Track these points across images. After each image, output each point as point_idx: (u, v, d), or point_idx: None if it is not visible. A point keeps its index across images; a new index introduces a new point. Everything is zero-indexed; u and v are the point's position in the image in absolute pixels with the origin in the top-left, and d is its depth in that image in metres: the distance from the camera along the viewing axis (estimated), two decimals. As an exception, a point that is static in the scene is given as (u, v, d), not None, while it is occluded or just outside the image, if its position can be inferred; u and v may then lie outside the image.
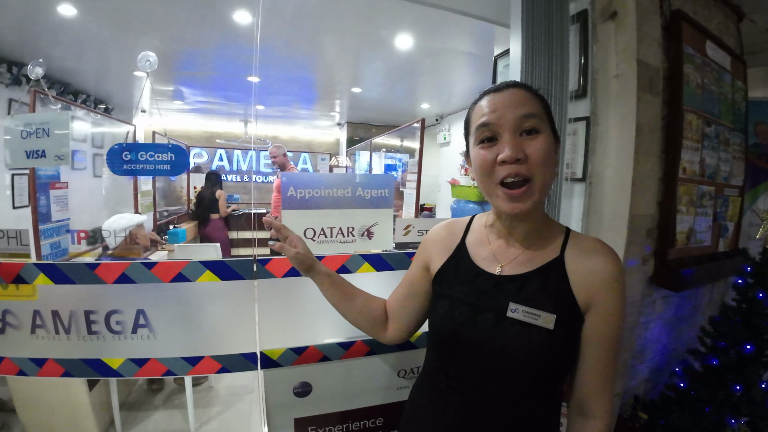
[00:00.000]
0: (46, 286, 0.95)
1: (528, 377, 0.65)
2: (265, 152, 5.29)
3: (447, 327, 0.71)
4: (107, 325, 0.95)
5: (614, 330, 0.65)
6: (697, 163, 1.54)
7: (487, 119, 0.63)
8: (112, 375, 0.98)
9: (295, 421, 1.07)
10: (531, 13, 1.27)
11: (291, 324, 1.00)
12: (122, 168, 0.92)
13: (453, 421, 0.69)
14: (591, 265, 0.65)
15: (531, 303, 0.64)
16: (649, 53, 1.26)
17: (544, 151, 0.61)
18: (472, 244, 0.76)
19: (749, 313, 1.50)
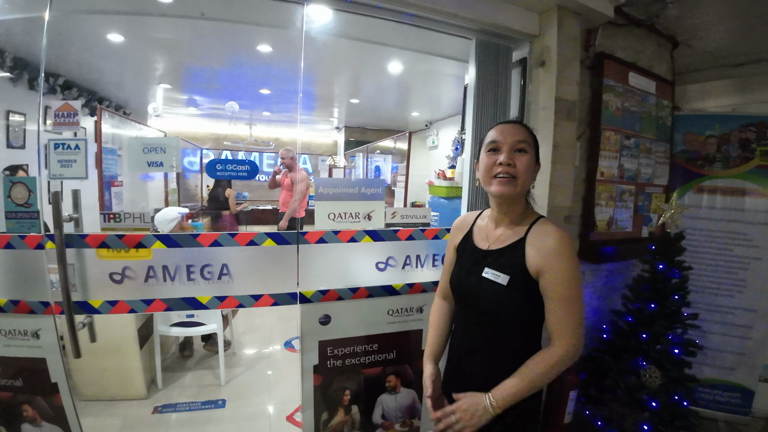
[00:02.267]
0: (160, 249, 1.59)
1: (498, 315, 1.10)
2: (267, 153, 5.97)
3: (455, 284, 1.22)
4: (201, 274, 1.60)
5: (563, 287, 1.02)
6: (616, 168, 2.22)
7: (495, 138, 1.10)
8: (201, 308, 1.62)
9: (319, 342, 1.73)
10: (483, 57, 1.93)
11: (319, 273, 1.66)
12: (216, 174, 1.58)
13: (464, 334, 1.21)
14: (541, 243, 1.05)
15: (497, 268, 1.10)
16: (568, 91, 1.92)
17: (526, 164, 1.07)
18: (476, 230, 1.25)
19: (655, 280, 2.16)
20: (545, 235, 1.07)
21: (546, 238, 1.06)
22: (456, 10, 1.74)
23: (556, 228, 1.08)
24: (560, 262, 1.03)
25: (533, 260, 1.06)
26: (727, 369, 2.66)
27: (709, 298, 2.68)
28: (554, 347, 1.05)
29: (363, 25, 1.94)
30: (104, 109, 2.23)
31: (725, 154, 2.67)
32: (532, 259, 1.06)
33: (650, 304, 2.14)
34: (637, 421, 2.06)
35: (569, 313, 1.03)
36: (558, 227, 1.09)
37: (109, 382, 2.49)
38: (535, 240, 1.08)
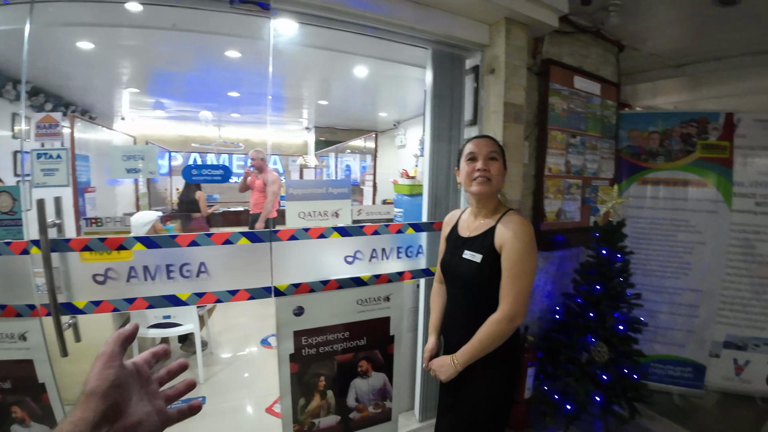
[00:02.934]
0: (141, 251, 1.76)
1: (473, 286, 1.44)
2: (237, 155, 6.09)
3: (444, 265, 1.57)
4: (180, 272, 1.76)
5: (512, 265, 1.33)
6: (563, 164, 2.50)
7: (472, 150, 1.44)
8: (181, 304, 1.79)
9: (294, 332, 1.92)
10: (439, 65, 2.17)
11: (291, 268, 1.85)
12: (192, 178, 1.76)
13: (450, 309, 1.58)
14: (505, 229, 1.38)
15: (473, 249, 1.43)
16: (516, 96, 2.18)
17: (498, 169, 1.42)
18: (460, 223, 1.59)
19: (599, 264, 2.46)
20: (509, 222, 1.39)
21: (509, 224, 1.38)
22: (413, 24, 1.97)
23: (519, 217, 1.41)
24: (514, 242, 1.34)
25: (498, 241, 1.38)
26: (678, 345, 2.99)
27: (657, 281, 3.01)
28: (497, 311, 1.36)
29: (328, 36, 2.15)
30: (75, 116, 2.35)
31: (668, 148, 3.01)
32: (498, 239, 1.38)
33: (596, 286, 2.43)
34: (590, 393, 2.34)
35: (513, 284, 1.33)
36: (521, 217, 1.42)
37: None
38: (502, 226, 1.40)
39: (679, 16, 2.80)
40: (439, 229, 2.13)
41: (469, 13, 2.08)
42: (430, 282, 2.21)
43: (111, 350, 0.49)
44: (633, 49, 3.29)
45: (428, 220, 2.19)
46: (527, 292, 1.37)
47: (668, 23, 2.93)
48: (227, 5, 1.77)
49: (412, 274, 2.09)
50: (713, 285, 2.94)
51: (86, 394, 0.45)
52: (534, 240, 1.38)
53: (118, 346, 0.50)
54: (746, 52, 3.34)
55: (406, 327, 2.32)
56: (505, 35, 2.11)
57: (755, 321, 2.97)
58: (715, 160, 2.91)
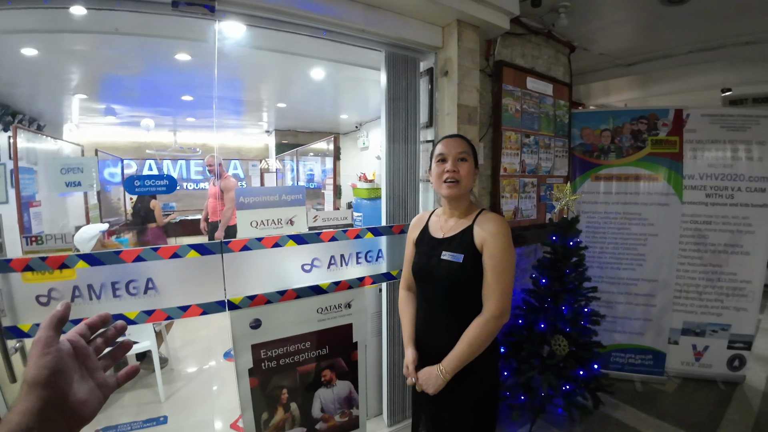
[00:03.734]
0: (84, 269, 1.66)
1: (453, 288, 1.38)
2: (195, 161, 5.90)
3: (417, 269, 1.50)
4: (127, 290, 1.68)
5: (496, 262, 1.31)
6: (518, 163, 2.56)
7: (442, 151, 1.42)
8: (130, 323, 1.72)
9: (251, 346, 1.87)
10: (393, 67, 2.17)
11: (246, 280, 1.80)
12: (135, 190, 1.68)
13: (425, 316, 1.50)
14: (483, 227, 1.36)
15: (453, 250, 1.39)
16: (469, 98, 2.21)
17: (467, 170, 1.40)
18: (431, 225, 1.55)
19: (555, 260, 2.52)
20: (487, 221, 1.38)
21: (487, 222, 1.37)
22: (364, 26, 1.96)
23: (495, 216, 1.41)
24: (496, 240, 1.32)
25: (479, 239, 1.35)
26: (637, 334, 3.11)
27: (613, 272, 3.13)
28: (483, 311, 1.33)
29: (280, 39, 2.10)
30: (19, 126, 2.20)
31: (618, 145, 3.12)
32: (478, 238, 1.35)
33: (553, 281, 2.50)
34: (553, 386, 2.40)
35: (498, 281, 1.31)
36: (497, 215, 1.41)
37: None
38: (480, 224, 1.38)
39: (627, 16, 2.92)
40: (399, 233, 2.14)
41: (420, 16, 2.08)
42: (392, 286, 2.21)
43: (46, 336, 0.48)
44: (584, 50, 3.40)
45: (387, 223, 2.18)
46: (511, 288, 1.35)
47: (617, 23, 3.04)
48: (169, 8, 1.69)
49: (372, 279, 2.07)
50: (668, 275, 3.07)
51: (28, 384, 0.45)
52: (511, 236, 1.37)
53: (52, 329, 0.49)
54: (693, 49, 3.52)
55: (371, 332, 2.30)
56: (457, 37, 2.13)
57: (711, 308, 3.11)
58: (665, 155, 3.05)
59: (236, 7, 1.74)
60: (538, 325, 2.43)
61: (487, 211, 1.46)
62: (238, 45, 1.94)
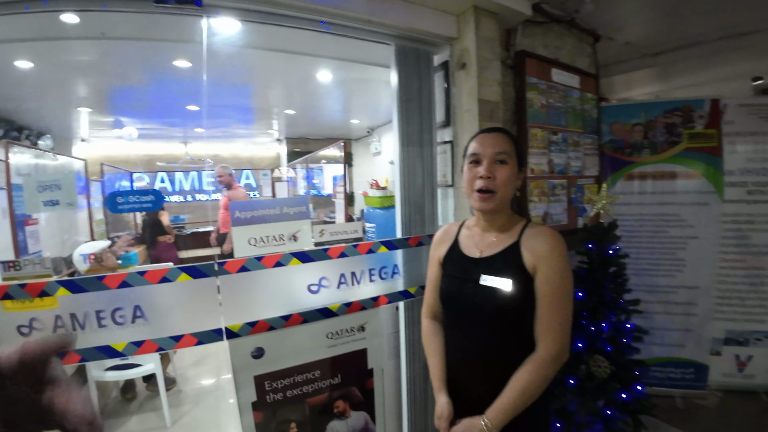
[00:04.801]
0: (65, 296, 1.46)
1: (498, 321, 1.08)
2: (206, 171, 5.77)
3: (447, 295, 1.20)
4: (113, 319, 1.47)
5: (554, 289, 1.03)
6: (546, 163, 2.27)
7: (475, 150, 1.12)
8: (118, 356, 1.50)
9: (254, 378, 1.64)
10: (404, 62, 1.92)
11: (245, 304, 1.57)
12: (117, 207, 1.46)
13: (458, 348, 1.19)
14: (535, 245, 1.07)
15: (496, 273, 1.09)
16: (490, 92, 1.94)
17: (506, 176, 1.08)
18: (462, 240, 1.24)
19: (591, 270, 2.22)
20: (539, 236, 1.09)
21: (539, 238, 1.08)
22: (370, 16, 1.72)
23: (548, 229, 1.11)
24: (552, 260, 1.04)
25: (529, 260, 1.07)
26: (677, 346, 2.79)
27: (650, 280, 2.81)
28: (539, 351, 1.05)
29: (279, 36, 1.89)
30: (10, 142, 2.04)
31: (652, 140, 2.81)
32: (528, 259, 1.07)
33: (590, 295, 2.20)
34: (592, 411, 2.10)
35: (556, 313, 1.03)
36: (550, 228, 1.12)
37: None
38: (529, 241, 1.09)
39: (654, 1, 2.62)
40: (416, 245, 1.88)
41: (432, 3, 1.83)
42: (411, 304, 1.95)
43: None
44: (609, 39, 3.10)
45: (403, 234, 1.92)
46: (570, 321, 1.07)
47: (641, 9, 2.75)
48: (152, 5, 1.48)
49: (388, 298, 1.82)
50: (708, 280, 2.75)
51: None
52: (568, 255, 1.09)
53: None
54: (722, 36, 3.19)
55: (388, 354, 2.04)
56: (474, 26, 1.87)
57: (754, 314, 2.80)
58: (703, 149, 2.73)
59: (225, 0, 1.52)
60: (574, 344, 2.14)
61: (535, 223, 1.16)
62: (233, 44, 1.72)
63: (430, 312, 1.34)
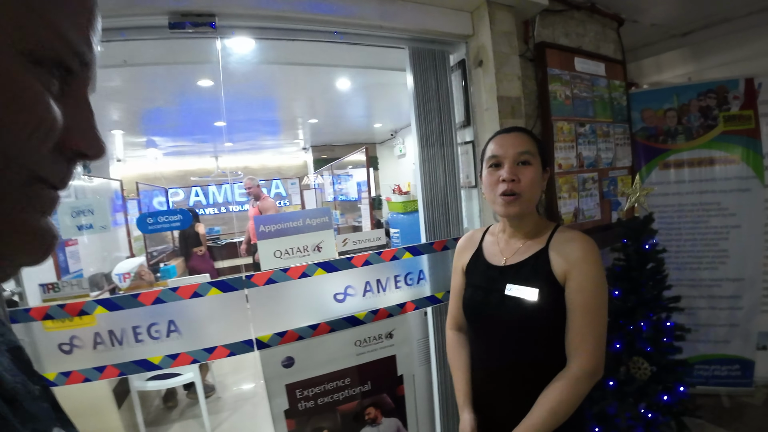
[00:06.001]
0: (103, 314, 1.51)
1: (525, 334, 1.01)
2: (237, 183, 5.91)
3: (471, 306, 1.12)
4: (149, 333, 1.51)
5: (587, 298, 0.94)
6: (574, 157, 2.17)
7: (495, 152, 1.04)
8: (154, 369, 1.54)
9: (286, 386, 1.64)
10: (419, 64, 1.88)
11: (273, 315, 1.58)
12: (148, 228, 1.50)
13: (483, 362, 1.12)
14: (566, 251, 0.98)
15: (522, 282, 1.01)
16: (510, 88, 1.87)
17: (531, 177, 1.00)
18: (486, 247, 1.17)
19: (629, 268, 2.11)
20: (570, 241, 1.01)
21: (570, 243, 1.00)
22: (381, 22, 1.69)
23: (579, 234, 1.02)
24: (585, 267, 0.96)
25: (559, 267, 0.98)
26: (722, 342, 2.62)
27: (692, 273, 2.64)
28: (571, 367, 0.96)
29: (293, 49, 1.90)
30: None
31: (687, 125, 2.65)
32: (559, 267, 0.98)
33: (627, 293, 2.08)
34: (632, 415, 1.99)
35: (589, 326, 0.95)
36: (582, 233, 1.03)
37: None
38: (559, 246, 1.01)
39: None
40: (441, 249, 1.83)
41: (443, 2, 1.78)
42: (439, 309, 1.90)
43: None
44: (633, 22, 2.94)
45: (427, 239, 1.88)
46: (605, 334, 0.97)
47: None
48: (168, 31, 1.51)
49: (415, 304, 1.79)
50: (754, 271, 2.56)
51: None
52: (602, 262, 1.00)
53: None
54: (754, 10, 2.96)
55: (418, 361, 2.01)
56: (489, 21, 1.81)
57: (803, 305, 2.57)
58: (741, 132, 2.55)
59: (239, 20, 1.53)
60: (612, 345, 2.03)
61: (565, 228, 1.07)
62: (249, 62, 1.74)
63: (455, 323, 1.27)
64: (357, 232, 4.31)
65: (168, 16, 1.46)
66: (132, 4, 1.42)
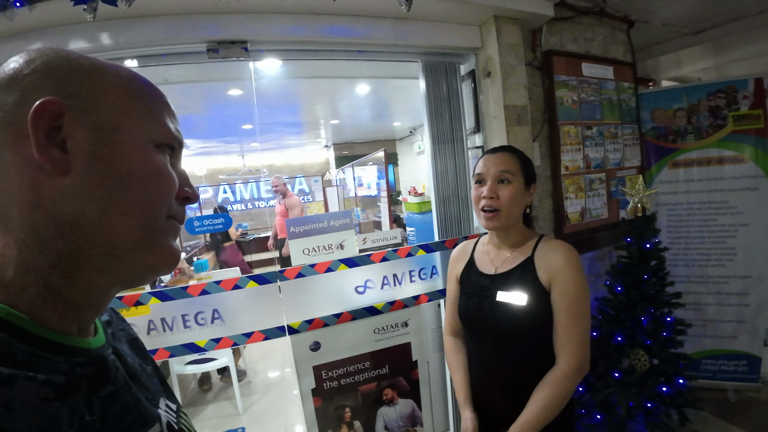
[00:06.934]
0: (156, 304, 1.74)
1: (516, 337, 1.10)
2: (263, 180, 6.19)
3: (465, 314, 1.22)
4: (196, 320, 1.74)
5: (571, 302, 1.04)
6: (581, 159, 2.29)
7: (480, 171, 1.15)
8: (200, 351, 1.77)
9: (313, 368, 1.85)
10: (432, 76, 2.04)
11: (302, 305, 1.78)
12: (195, 230, 1.74)
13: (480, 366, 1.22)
14: (550, 259, 1.09)
15: (511, 289, 1.11)
16: (516, 97, 2.01)
17: (510, 194, 1.10)
18: (477, 256, 1.27)
19: (631, 265, 2.22)
20: (552, 249, 1.11)
21: (553, 252, 1.10)
22: (395, 40, 1.86)
23: (561, 243, 1.13)
24: (567, 273, 1.06)
25: (544, 274, 1.09)
26: (729, 338, 2.69)
27: (700, 270, 2.72)
28: (559, 365, 1.06)
29: (316, 65, 2.09)
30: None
31: (696, 125, 2.71)
32: (544, 273, 1.09)
33: (630, 289, 2.20)
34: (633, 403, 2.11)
35: (575, 325, 1.04)
36: (564, 242, 1.14)
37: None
38: (543, 255, 1.12)
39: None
40: (452, 247, 2.00)
41: (452, 19, 1.93)
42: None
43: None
44: (643, 23, 2.99)
45: (440, 238, 2.05)
46: (589, 333, 1.07)
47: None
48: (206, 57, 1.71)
49: (428, 296, 1.97)
50: (762, 269, 2.60)
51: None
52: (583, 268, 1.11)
53: None
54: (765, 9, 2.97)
55: (432, 348, 2.19)
56: (496, 34, 1.95)
57: (810, 302, 2.61)
58: (750, 131, 2.59)
59: (268, 45, 1.73)
60: (615, 338, 2.16)
61: (548, 238, 1.18)
62: (277, 78, 1.94)
63: (452, 329, 1.37)
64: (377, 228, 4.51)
65: (206, 44, 1.67)
66: (175, 35, 1.63)
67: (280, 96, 2.97)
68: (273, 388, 3.15)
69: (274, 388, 3.15)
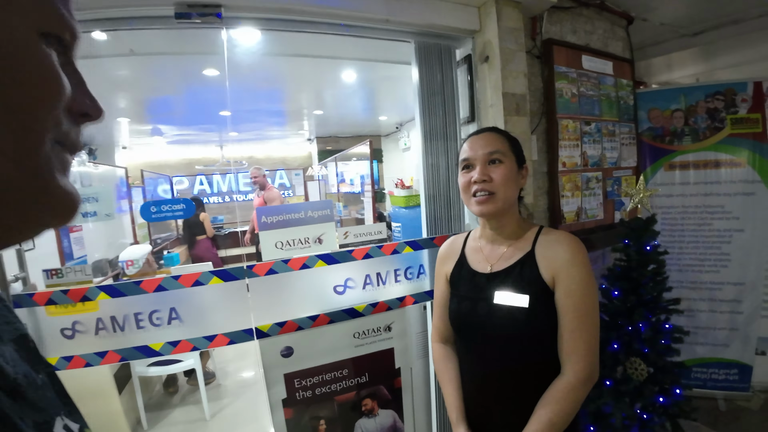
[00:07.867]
0: (106, 300, 1.53)
1: (517, 343, 0.97)
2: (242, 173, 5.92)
3: (458, 318, 1.08)
4: (150, 320, 1.53)
5: (577, 302, 0.91)
6: (579, 156, 2.16)
7: (466, 155, 1.03)
8: (155, 355, 1.56)
9: (284, 375, 1.66)
10: (425, 59, 1.87)
11: (273, 305, 1.59)
12: (151, 216, 1.52)
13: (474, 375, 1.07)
14: (553, 253, 0.95)
15: (512, 289, 0.97)
16: (515, 85, 1.86)
17: (503, 175, 0.98)
18: (469, 253, 1.12)
19: (629, 269, 2.10)
20: (556, 243, 0.98)
21: (557, 245, 0.97)
22: (387, 16, 1.68)
23: (565, 234, 0.99)
24: (573, 269, 0.93)
25: (547, 271, 0.95)
26: (721, 346, 2.62)
27: (693, 276, 2.63)
28: (565, 374, 0.93)
29: (299, 42, 1.89)
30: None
31: (693, 126, 2.62)
32: (546, 270, 0.95)
33: (627, 294, 2.08)
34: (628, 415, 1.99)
35: (580, 331, 0.92)
36: (568, 234, 1.00)
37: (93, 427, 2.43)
38: (545, 249, 0.98)
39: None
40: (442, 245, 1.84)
41: (453, -3, 1.76)
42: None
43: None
44: (642, 20, 2.90)
45: (428, 235, 1.89)
46: (598, 336, 0.94)
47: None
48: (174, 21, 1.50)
49: (414, 298, 1.79)
50: (755, 276, 2.54)
51: None
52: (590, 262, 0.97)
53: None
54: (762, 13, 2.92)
55: (416, 354, 2.02)
56: (496, 17, 1.79)
57: (802, 312, 2.56)
58: (748, 135, 2.52)
59: (245, 11, 1.53)
60: (610, 345, 2.03)
61: (549, 229, 1.04)
62: (255, 53, 1.73)
63: (440, 335, 1.22)
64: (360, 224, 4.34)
65: (174, 7, 1.46)
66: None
67: (261, 79, 2.76)
68: (246, 392, 2.94)
69: (247, 392, 2.94)
